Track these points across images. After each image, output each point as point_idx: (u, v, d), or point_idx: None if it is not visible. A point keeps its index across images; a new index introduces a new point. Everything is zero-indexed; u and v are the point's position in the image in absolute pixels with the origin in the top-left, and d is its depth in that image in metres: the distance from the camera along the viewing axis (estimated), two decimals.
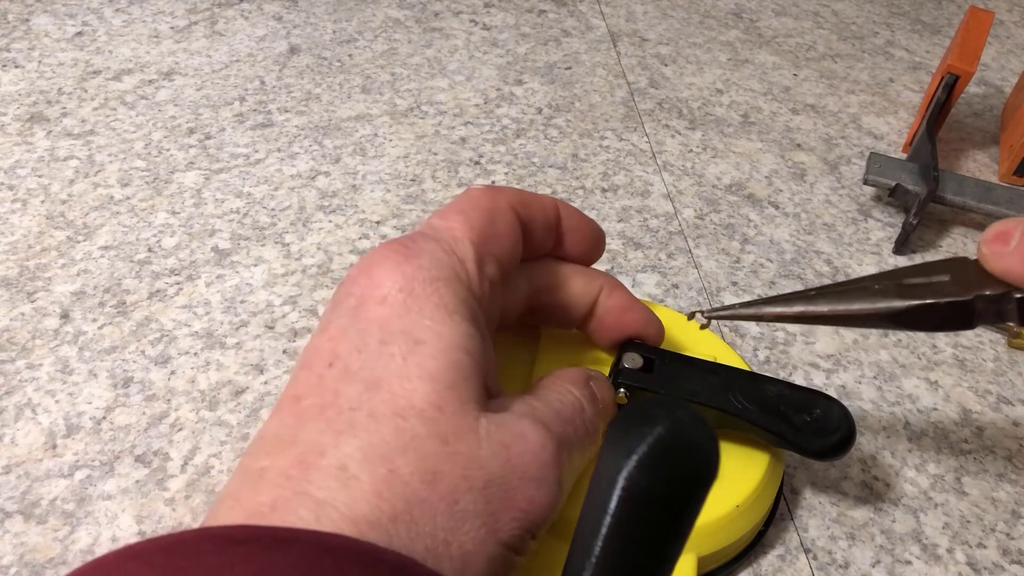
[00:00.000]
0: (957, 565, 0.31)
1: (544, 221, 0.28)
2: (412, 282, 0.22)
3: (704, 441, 0.16)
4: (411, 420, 0.20)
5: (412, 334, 0.21)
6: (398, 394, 0.20)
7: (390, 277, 0.22)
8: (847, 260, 0.44)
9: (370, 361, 0.21)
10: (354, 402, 0.20)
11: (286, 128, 0.50)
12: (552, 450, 0.22)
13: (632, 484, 0.15)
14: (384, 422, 0.20)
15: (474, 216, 0.25)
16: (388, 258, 0.22)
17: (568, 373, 0.26)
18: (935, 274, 0.26)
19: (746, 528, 0.29)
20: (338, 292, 0.23)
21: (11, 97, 0.51)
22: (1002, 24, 0.71)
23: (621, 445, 0.15)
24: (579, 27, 0.63)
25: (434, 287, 0.22)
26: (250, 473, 0.20)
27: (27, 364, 0.35)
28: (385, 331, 0.21)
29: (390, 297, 0.22)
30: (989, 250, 0.24)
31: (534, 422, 0.22)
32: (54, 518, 0.30)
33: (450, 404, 0.20)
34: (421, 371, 0.21)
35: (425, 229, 0.24)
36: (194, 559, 0.16)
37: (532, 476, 0.21)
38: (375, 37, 0.60)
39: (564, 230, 0.29)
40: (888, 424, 0.36)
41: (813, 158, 0.52)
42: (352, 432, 0.20)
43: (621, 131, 0.52)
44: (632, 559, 0.16)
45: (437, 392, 0.20)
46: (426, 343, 0.21)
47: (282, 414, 0.21)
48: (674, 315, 0.37)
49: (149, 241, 0.42)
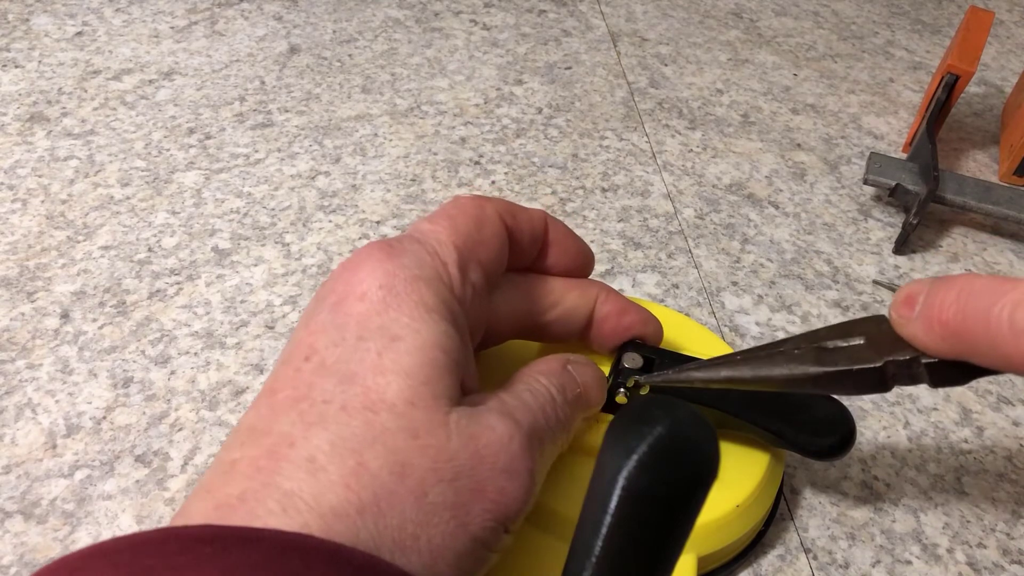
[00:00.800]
0: (957, 565, 0.31)
1: (531, 232, 0.28)
2: (393, 280, 0.22)
3: (704, 441, 0.16)
4: (382, 414, 0.20)
5: (389, 330, 0.21)
6: (371, 388, 0.20)
7: (372, 274, 0.22)
8: (847, 260, 0.44)
9: (346, 355, 0.21)
10: (327, 395, 0.20)
11: (286, 128, 0.50)
12: (520, 440, 0.22)
13: (632, 484, 0.15)
14: (355, 415, 0.20)
15: (460, 221, 0.25)
16: (371, 256, 0.23)
17: (542, 363, 0.26)
18: (852, 336, 0.25)
19: (746, 528, 0.29)
20: (321, 288, 0.23)
21: (11, 97, 0.51)
22: (1002, 24, 0.71)
23: (621, 445, 0.15)
24: (579, 27, 0.63)
25: (415, 286, 0.22)
26: (223, 464, 0.20)
27: (27, 364, 0.35)
28: (363, 327, 0.21)
29: (370, 294, 0.22)
30: (897, 314, 0.24)
31: (502, 414, 0.22)
32: (54, 518, 0.30)
33: (422, 399, 0.21)
34: (396, 367, 0.21)
35: (411, 232, 0.25)
36: (159, 558, 0.16)
37: (502, 467, 0.21)
38: (375, 37, 0.60)
39: (550, 242, 0.29)
40: (888, 424, 0.36)
41: (813, 158, 0.52)
42: (323, 424, 0.20)
43: (621, 131, 0.52)
44: (632, 559, 0.16)
45: (411, 388, 0.21)
46: (403, 339, 0.21)
47: (258, 407, 0.21)
48: (674, 315, 0.37)
49: (149, 241, 0.42)
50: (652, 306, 0.38)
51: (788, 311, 0.41)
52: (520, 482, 0.21)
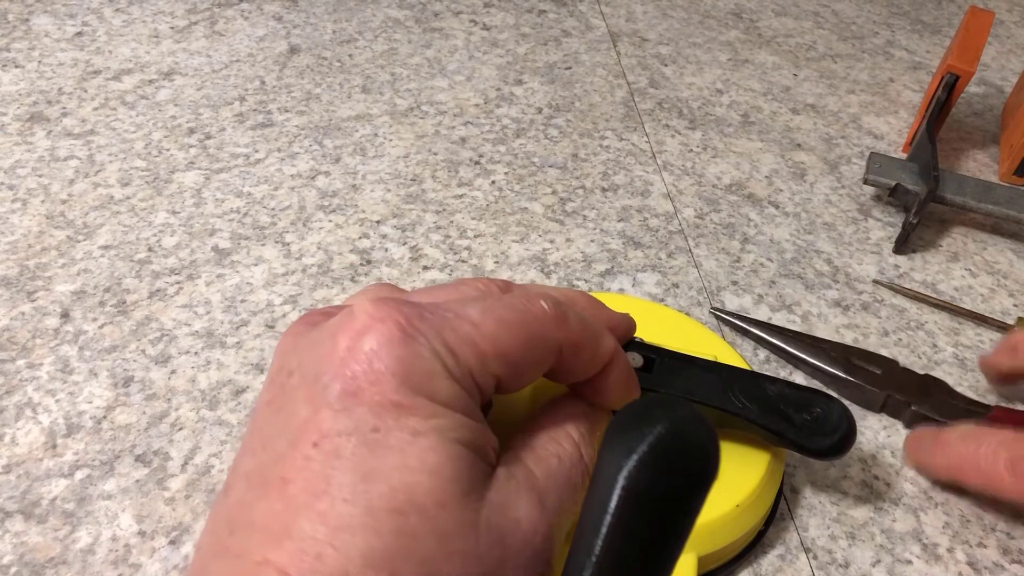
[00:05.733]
0: (957, 565, 0.31)
1: (584, 372, 0.25)
2: (408, 370, 0.20)
3: (704, 440, 0.16)
4: (411, 518, 0.19)
5: (408, 424, 0.20)
6: (397, 488, 0.19)
7: (386, 358, 0.20)
8: (847, 260, 0.44)
9: (362, 448, 0.20)
10: (348, 493, 0.19)
11: (286, 128, 0.50)
12: (544, 532, 0.22)
13: (632, 483, 0.15)
14: (383, 520, 0.19)
15: (505, 336, 0.22)
16: (383, 334, 0.20)
17: (567, 409, 0.25)
18: (874, 364, 0.36)
19: (746, 528, 0.29)
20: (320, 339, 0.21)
21: (11, 97, 0.51)
22: (1002, 24, 0.71)
23: (622, 444, 0.15)
24: (579, 27, 0.63)
25: (430, 381, 0.20)
26: (246, 563, 0.19)
27: (27, 363, 0.35)
28: (378, 417, 0.20)
29: (383, 381, 0.20)
30: None
31: (529, 500, 0.22)
32: (54, 518, 0.30)
33: (452, 499, 0.20)
34: (422, 465, 0.20)
35: (443, 314, 0.22)
36: None
37: (525, 563, 0.21)
38: (375, 37, 0.60)
39: (601, 388, 0.25)
40: (888, 424, 0.36)
41: (813, 158, 0.52)
42: (350, 531, 0.19)
43: (621, 131, 0.52)
44: (632, 558, 0.16)
45: (440, 487, 0.20)
46: (424, 435, 0.20)
47: (270, 496, 0.20)
48: (674, 314, 0.37)
49: (149, 241, 0.42)
50: (652, 306, 0.38)
51: (788, 311, 0.41)
52: (537, 572, 0.21)
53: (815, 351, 0.37)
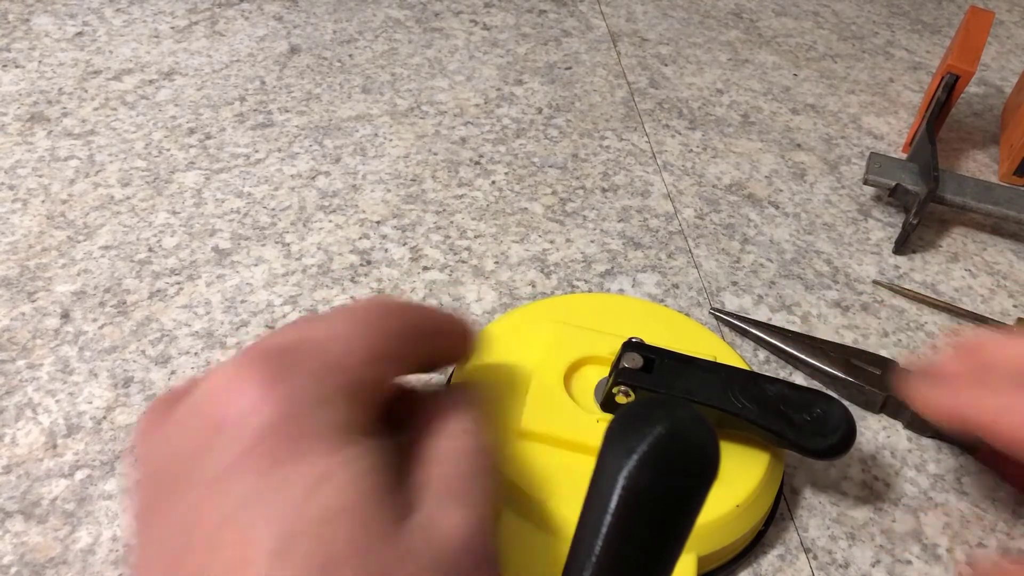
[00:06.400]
0: (957, 565, 0.31)
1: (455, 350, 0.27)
2: (286, 415, 0.19)
3: (704, 441, 0.16)
4: (344, 569, 0.18)
5: (309, 472, 0.19)
6: (320, 541, 0.18)
7: (260, 405, 0.19)
8: (847, 260, 0.44)
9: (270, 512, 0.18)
10: (267, 567, 0.18)
11: (286, 128, 0.50)
12: (479, 528, 0.21)
13: (633, 483, 0.15)
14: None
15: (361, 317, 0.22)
16: (251, 380, 0.19)
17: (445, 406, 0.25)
18: (875, 366, 0.36)
19: (746, 528, 0.29)
20: (188, 429, 0.20)
21: (11, 97, 0.51)
22: (1002, 24, 0.71)
23: (622, 444, 0.15)
24: (579, 27, 0.63)
25: (313, 416, 0.19)
26: None
27: (27, 364, 0.35)
28: (273, 475, 0.18)
29: (266, 438, 0.19)
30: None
31: (455, 504, 0.21)
32: (55, 518, 0.30)
33: (378, 536, 0.19)
34: (340, 504, 0.18)
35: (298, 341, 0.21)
36: None
37: (472, 565, 0.21)
38: (375, 37, 0.60)
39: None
40: (888, 424, 0.36)
41: (813, 158, 0.52)
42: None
43: (621, 131, 0.52)
44: (632, 558, 0.16)
45: (362, 526, 0.18)
46: (327, 478, 0.19)
47: None
48: (674, 315, 0.37)
49: (149, 241, 0.42)
50: (652, 306, 0.38)
51: (788, 311, 0.41)
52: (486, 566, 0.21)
53: (815, 352, 0.37)
